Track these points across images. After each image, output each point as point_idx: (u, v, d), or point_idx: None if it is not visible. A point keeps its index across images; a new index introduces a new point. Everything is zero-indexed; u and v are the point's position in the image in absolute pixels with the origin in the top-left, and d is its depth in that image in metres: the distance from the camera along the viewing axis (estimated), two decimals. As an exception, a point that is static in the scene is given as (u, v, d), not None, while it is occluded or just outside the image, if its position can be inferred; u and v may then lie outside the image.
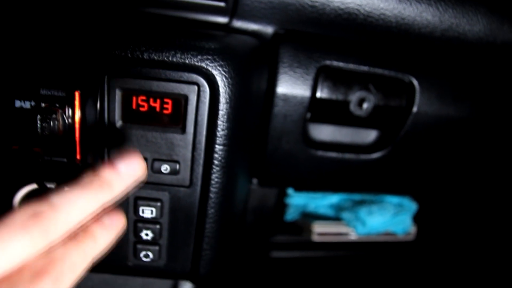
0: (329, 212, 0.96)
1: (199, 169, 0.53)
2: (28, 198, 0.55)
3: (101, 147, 0.51)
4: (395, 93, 0.69)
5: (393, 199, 0.95)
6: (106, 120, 0.50)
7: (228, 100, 0.49)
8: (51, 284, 0.32)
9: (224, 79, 0.48)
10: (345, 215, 0.93)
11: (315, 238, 0.90)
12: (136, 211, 0.54)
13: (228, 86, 0.49)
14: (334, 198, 0.96)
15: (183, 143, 0.51)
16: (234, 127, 0.52)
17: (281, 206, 0.89)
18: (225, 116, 0.50)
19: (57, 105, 0.49)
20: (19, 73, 0.49)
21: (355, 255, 0.96)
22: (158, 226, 0.55)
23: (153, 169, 0.52)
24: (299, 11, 0.61)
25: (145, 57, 0.47)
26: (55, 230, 0.33)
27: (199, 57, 0.47)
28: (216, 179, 0.53)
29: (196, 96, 0.49)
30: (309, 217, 0.94)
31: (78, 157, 0.51)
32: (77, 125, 0.50)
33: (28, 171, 0.54)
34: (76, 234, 0.36)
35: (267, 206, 0.81)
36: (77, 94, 0.49)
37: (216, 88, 0.49)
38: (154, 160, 0.52)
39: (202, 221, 0.55)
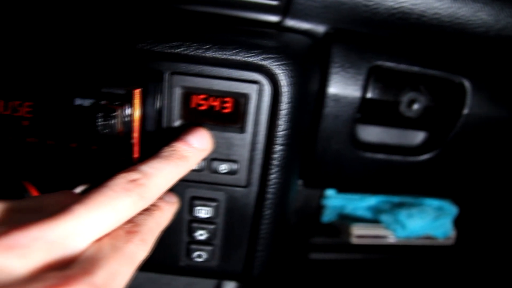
0: (367, 214, 0.94)
1: (257, 169, 0.51)
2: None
3: (159, 146, 0.50)
4: (446, 94, 0.67)
5: (433, 202, 0.92)
6: (165, 119, 0.49)
7: (290, 100, 0.48)
8: (140, 241, 0.36)
9: (287, 78, 0.47)
10: (384, 217, 0.90)
11: (354, 240, 0.88)
12: (191, 211, 0.53)
13: (291, 85, 0.47)
14: (372, 200, 0.94)
15: (242, 143, 0.50)
16: (293, 127, 0.50)
17: (319, 207, 0.88)
18: (286, 116, 0.48)
19: (116, 103, 0.48)
20: (79, 71, 0.48)
21: (394, 258, 0.94)
22: (213, 226, 0.54)
23: (210, 168, 0.51)
24: (353, 10, 0.60)
25: (207, 55, 0.46)
26: (149, 195, 0.38)
27: (263, 55, 0.46)
28: (274, 180, 0.51)
29: (257, 95, 0.48)
30: (347, 219, 0.92)
31: (135, 156, 0.50)
32: (136, 124, 0.49)
33: (85, 170, 0.53)
34: (148, 208, 0.40)
35: (310, 207, 0.79)
36: (137, 92, 0.48)
37: (278, 87, 0.47)
38: (212, 159, 0.51)
39: (258, 222, 0.54)
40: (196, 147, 0.45)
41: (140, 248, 0.37)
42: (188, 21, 0.51)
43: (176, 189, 0.52)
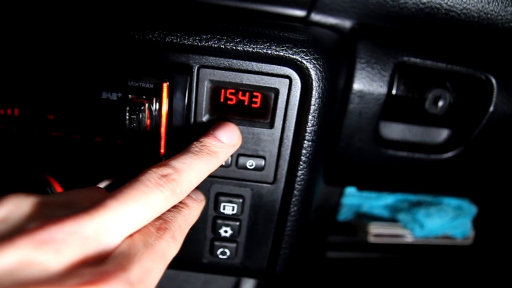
0: (384, 213, 0.93)
1: (285, 165, 0.50)
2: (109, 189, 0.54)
3: (186, 142, 0.49)
4: (472, 91, 0.65)
5: (452, 201, 0.91)
6: (192, 113, 0.48)
7: (320, 95, 0.47)
8: (170, 239, 0.36)
9: (318, 73, 0.46)
10: (402, 216, 0.89)
11: (371, 239, 0.87)
12: (216, 207, 0.53)
13: (321, 81, 0.46)
14: (389, 199, 0.93)
15: (271, 138, 0.49)
16: (322, 123, 0.49)
17: (338, 205, 0.87)
18: (316, 112, 0.47)
19: (144, 97, 0.48)
20: (107, 64, 0.47)
21: (411, 257, 0.93)
22: (237, 223, 0.53)
23: (237, 164, 0.50)
24: (380, 5, 0.59)
25: (239, 48, 0.45)
26: (181, 190, 0.37)
27: (294, 49, 0.45)
28: (301, 176, 0.50)
29: (287, 90, 0.47)
30: (364, 218, 0.91)
31: (162, 151, 0.50)
32: (163, 118, 0.48)
33: (111, 164, 0.52)
34: (176, 205, 0.40)
35: (329, 205, 0.78)
36: (165, 85, 0.47)
37: (309, 82, 0.46)
38: (240, 155, 0.50)
39: (284, 219, 0.53)
40: (226, 142, 0.44)
41: (171, 246, 0.36)
42: (215, 14, 0.50)
43: (201, 185, 0.52)
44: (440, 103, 0.65)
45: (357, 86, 0.60)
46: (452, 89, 0.65)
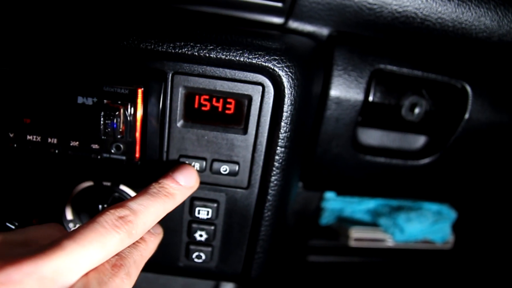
0: (366, 217, 0.94)
1: (258, 171, 0.51)
2: (83, 195, 0.55)
3: (160, 146, 0.50)
4: (448, 98, 0.66)
5: (432, 206, 0.92)
6: (167, 119, 0.49)
7: (292, 102, 0.48)
8: (125, 276, 0.37)
9: (291, 81, 0.47)
10: (383, 221, 0.90)
11: (352, 243, 0.88)
12: (191, 211, 0.53)
13: (294, 88, 0.47)
14: (370, 204, 0.94)
15: (244, 144, 0.50)
16: (295, 130, 0.50)
17: (318, 209, 0.88)
18: (289, 118, 0.48)
19: (119, 102, 0.48)
20: (82, 69, 0.48)
21: (392, 261, 0.94)
22: (212, 227, 0.54)
23: (212, 169, 0.51)
24: (357, 13, 0.59)
25: (212, 55, 0.45)
26: (136, 232, 0.39)
27: (266, 57, 0.46)
28: (275, 182, 0.51)
29: (260, 97, 0.48)
30: (345, 222, 0.92)
31: (137, 155, 0.50)
32: (138, 123, 0.49)
33: (86, 168, 0.53)
34: None
35: (309, 210, 0.79)
36: (140, 91, 0.47)
37: (281, 90, 0.47)
38: (214, 160, 0.51)
39: (258, 224, 0.53)
40: (184, 184, 0.46)
41: (125, 282, 0.38)
42: (191, 21, 0.50)
43: (177, 189, 0.52)
44: (417, 110, 0.66)
45: (334, 92, 0.60)
46: (428, 97, 0.66)
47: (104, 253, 0.35)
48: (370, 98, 0.63)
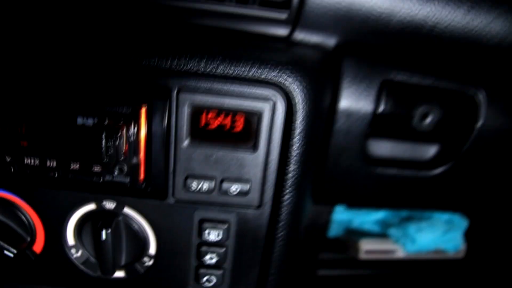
0: (375, 228, 0.90)
1: (270, 189, 0.47)
2: (85, 218, 0.51)
3: (166, 167, 0.46)
4: (459, 106, 0.63)
5: (443, 215, 0.88)
6: (173, 138, 0.45)
7: (304, 117, 0.44)
8: None
9: (303, 95, 0.43)
10: (393, 231, 0.86)
11: (362, 256, 0.83)
12: (200, 233, 0.49)
13: (306, 102, 0.43)
14: (379, 214, 0.89)
15: (254, 162, 0.46)
16: (308, 145, 0.46)
17: (327, 223, 0.83)
18: (301, 134, 0.44)
19: (121, 122, 0.44)
20: (82, 89, 0.44)
21: (403, 273, 0.89)
22: (223, 249, 0.50)
23: (221, 189, 0.47)
24: (365, 21, 0.56)
25: (219, 71, 0.42)
26: None
27: (277, 71, 0.42)
28: (288, 200, 0.47)
29: (270, 112, 0.44)
30: (354, 234, 0.88)
31: (141, 177, 0.46)
32: (142, 143, 0.45)
33: (87, 191, 0.49)
34: None
35: (319, 224, 0.75)
36: (143, 110, 0.44)
37: (293, 104, 0.43)
38: (223, 180, 0.47)
39: (271, 244, 0.50)
40: None
41: None
42: (195, 35, 0.47)
43: (184, 211, 0.48)
44: (428, 120, 0.63)
45: (343, 104, 0.57)
46: (439, 105, 0.63)
47: None
48: (381, 109, 0.60)
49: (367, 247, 0.84)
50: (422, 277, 0.89)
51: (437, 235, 0.84)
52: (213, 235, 0.49)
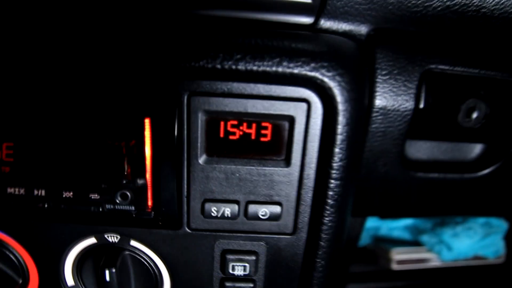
0: (405, 235, 0.81)
1: (307, 212, 0.39)
2: (87, 255, 0.42)
3: (179, 190, 0.37)
4: (508, 100, 0.55)
5: (479, 218, 0.79)
6: (185, 155, 0.36)
7: (348, 121, 0.35)
8: None
9: (345, 93, 0.34)
10: (426, 238, 0.78)
11: (395, 266, 0.75)
12: (224, 267, 0.41)
13: (349, 102, 0.35)
14: (409, 219, 0.81)
15: (287, 179, 0.38)
16: (351, 156, 0.37)
17: (359, 235, 0.75)
18: (345, 142, 0.36)
19: (121, 138, 0.36)
20: (71, 99, 0.35)
21: (439, 283, 0.81)
22: (251, 285, 0.42)
23: (247, 214, 0.39)
24: (401, 5, 0.49)
25: (240, 68, 0.33)
26: None
27: (312, 64, 0.33)
28: (329, 224, 0.39)
29: (306, 116, 0.35)
30: (383, 242, 0.80)
31: (149, 204, 0.38)
32: (148, 163, 0.36)
33: (84, 223, 0.40)
34: None
35: (351, 237, 0.66)
36: (147, 122, 0.35)
37: (333, 106, 0.34)
38: (249, 202, 0.39)
39: (309, 276, 0.41)
40: None
41: None
42: (205, 27, 0.38)
43: (203, 242, 0.40)
44: (474, 115, 0.55)
45: (379, 102, 0.50)
46: (486, 99, 0.55)
47: None
48: (421, 105, 0.52)
49: (399, 257, 0.76)
50: (460, 286, 0.81)
51: (475, 240, 0.76)
52: (239, 269, 0.41)
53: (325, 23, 0.47)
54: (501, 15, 0.50)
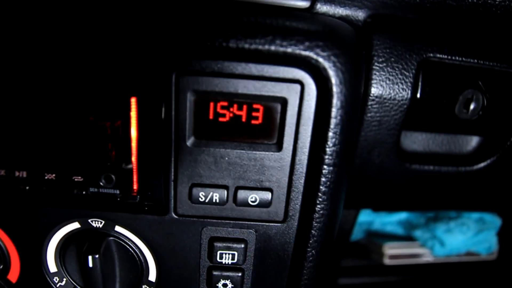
0: (398, 230, 0.80)
1: (298, 199, 0.37)
2: (70, 241, 0.40)
3: (166, 174, 0.35)
4: (506, 91, 0.52)
5: (472, 214, 0.78)
6: (173, 136, 0.34)
7: (343, 104, 0.33)
8: None
9: (340, 74, 0.32)
10: (419, 233, 0.76)
11: (387, 261, 0.73)
12: (211, 255, 0.39)
13: (344, 84, 0.33)
14: (402, 214, 0.80)
15: (278, 164, 0.36)
16: (346, 141, 0.35)
17: (352, 228, 0.73)
18: (339, 126, 0.34)
19: (106, 118, 0.33)
20: (54, 76, 0.33)
21: (431, 278, 0.79)
22: (239, 274, 0.40)
23: (236, 200, 0.37)
24: (399, -10, 0.46)
25: (231, 45, 0.31)
26: None
27: (306, 43, 0.31)
28: (321, 211, 0.37)
29: (299, 98, 0.33)
30: (376, 237, 0.78)
31: (135, 187, 0.36)
32: (134, 145, 0.34)
33: (67, 207, 0.38)
34: None
35: (343, 230, 0.64)
36: (133, 101, 0.33)
37: (328, 88, 0.32)
38: (238, 188, 0.37)
39: (299, 266, 0.39)
40: None
41: None
42: (199, 5, 0.36)
43: (190, 229, 0.38)
44: (472, 106, 0.54)
45: (375, 91, 0.48)
46: (485, 90, 0.53)
47: None
48: (418, 95, 0.50)
49: (392, 252, 0.74)
50: (452, 281, 0.79)
51: (468, 236, 0.74)
52: (227, 258, 0.39)
53: (322, 7, 0.46)
54: (503, 2, 0.49)
